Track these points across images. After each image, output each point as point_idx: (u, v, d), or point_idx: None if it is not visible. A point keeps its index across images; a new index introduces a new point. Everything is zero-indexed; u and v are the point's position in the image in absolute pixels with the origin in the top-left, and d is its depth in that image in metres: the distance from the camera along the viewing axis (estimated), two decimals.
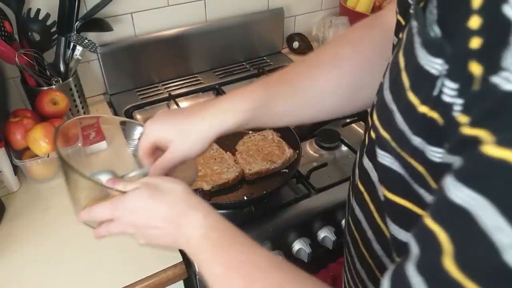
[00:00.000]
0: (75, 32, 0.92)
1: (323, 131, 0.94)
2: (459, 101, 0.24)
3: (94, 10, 0.94)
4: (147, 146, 0.53)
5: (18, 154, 0.81)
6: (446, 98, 0.25)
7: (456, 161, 0.24)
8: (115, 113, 1.06)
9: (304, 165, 0.88)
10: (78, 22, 0.92)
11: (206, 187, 0.77)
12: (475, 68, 0.23)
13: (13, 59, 0.82)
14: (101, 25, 0.96)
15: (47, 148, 0.78)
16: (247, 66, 1.22)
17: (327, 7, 1.33)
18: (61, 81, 0.91)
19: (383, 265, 0.41)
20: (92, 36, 0.98)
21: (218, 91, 1.11)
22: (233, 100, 0.52)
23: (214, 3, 1.13)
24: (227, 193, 0.80)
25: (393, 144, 0.33)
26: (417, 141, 0.29)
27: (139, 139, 0.58)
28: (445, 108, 0.25)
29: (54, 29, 0.91)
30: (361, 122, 1.00)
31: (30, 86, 0.90)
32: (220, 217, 0.44)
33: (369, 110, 0.44)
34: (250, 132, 0.91)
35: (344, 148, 0.94)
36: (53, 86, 0.90)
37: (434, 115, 0.27)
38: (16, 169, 0.81)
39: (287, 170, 0.83)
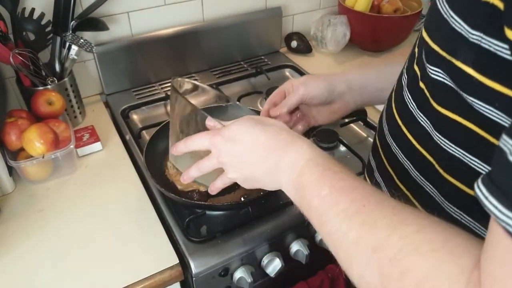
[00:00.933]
0: (70, 32, 0.91)
1: (321, 131, 0.93)
2: None
3: (89, 9, 0.93)
4: (280, 92, 0.65)
5: (13, 155, 0.81)
6: None
7: None
8: (112, 114, 1.05)
9: None
10: (73, 21, 0.91)
11: (203, 188, 0.76)
12: None
13: (7, 59, 0.81)
14: (97, 25, 0.95)
15: (42, 149, 0.78)
16: (245, 65, 1.22)
17: (325, 6, 1.33)
18: (56, 81, 0.90)
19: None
20: (88, 35, 0.97)
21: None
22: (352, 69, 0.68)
23: (211, 2, 1.12)
24: (224, 194, 0.79)
25: (443, 53, 0.36)
26: (475, 36, 0.31)
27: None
28: None
29: (49, 28, 0.91)
30: (359, 122, 1.00)
31: (25, 86, 0.89)
32: (322, 150, 0.46)
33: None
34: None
35: (342, 148, 0.93)
36: (49, 86, 0.89)
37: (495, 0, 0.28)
38: (11, 170, 0.81)
39: None
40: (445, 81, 0.37)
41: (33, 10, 0.87)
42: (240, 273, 0.72)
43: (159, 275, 0.66)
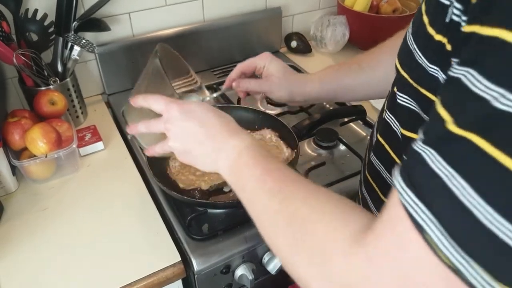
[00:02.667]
0: (72, 32, 0.92)
1: (321, 130, 0.94)
2: (464, 18, 0.30)
3: (91, 10, 0.94)
4: (252, 65, 0.74)
5: (16, 154, 0.82)
6: (454, 18, 0.31)
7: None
8: (113, 113, 1.06)
9: (302, 164, 0.88)
10: (75, 22, 0.92)
11: (204, 186, 0.77)
12: None
13: (10, 60, 0.82)
14: (99, 25, 0.96)
15: (45, 148, 0.78)
16: None
17: (324, 6, 1.33)
18: (58, 81, 0.91)
19: None
20: (89, 36, 0.98)
21: (216, 90, 1.11)
22: (315, 74, 0.73)
23: (211, 3, 1.13)
24: (225, 193, 0.80)
25: (411, 81, 0.39)
26: (433, 69, 0.35)
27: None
28: (454, 29, 0.31)
29: (51, 29, 0.91)
30: (359, 121, 1.01)
31: (28, 86, 0.90)
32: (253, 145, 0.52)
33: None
34: (248, 131, 0.91)
35: (342, 147, 0.94)
36: (51, 86, 0.90)
37: (445, 40, 0.32)
38: (14, 170, 0.81)
39: None
40: (413, 107, 0.41)
41: (36, 11, 0.88)
42: (241, 271, 0.73)
43: (162, 273, 0.67)
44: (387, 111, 0.48)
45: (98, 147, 0.91)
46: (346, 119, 1.00)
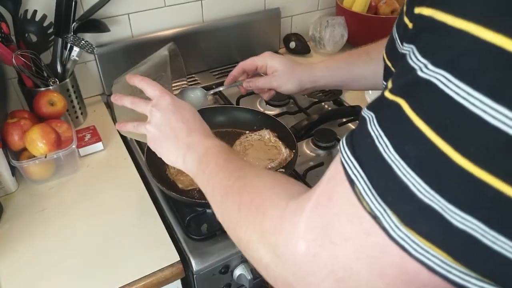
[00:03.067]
0: (72, 33, 0.92)
1: (320, 131, 0.95)
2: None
3: (91, 11, 0.94)
4: (255, 65, 0.76)
5: (15, 155, 0.82)
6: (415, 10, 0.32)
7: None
8: (113, 114, 1.06)
9: (300, 165, 0.88)
10: (75, 23, 0.93)
11: None
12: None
13: (10, 60, 0.82)
14: (98, 26, 0.96)
15: (44, 149, 0.79)
16: None
17: (323, 7, 1.34)
18: (58, 82, 0.92)
19: None
20: (89, 37, 0.98)
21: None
22: (324, 62, 0.74)
23: (211, 4, 1.14)
24: None
25: (394, 70, 0.39)
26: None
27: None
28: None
29: (51, 30, 0.92)
30: (357, 121, 1.01)
31: (27, 87, 0.90)
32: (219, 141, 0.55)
33: None
34: (247, 132, 0.92)
35: None
36: (50, 87, 0.90)
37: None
38: (13, 170, 0.82)
39: (283, 170, 0.84)
40: None
41: (35, 12, 0.88)
42: (240, 270, 0.73)
43: (161, 273, 0.67)
44: None
45: (98, 147, 0.91)
46: (344, 120, 1.00)
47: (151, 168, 0.78)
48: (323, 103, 1.09)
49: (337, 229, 0.30)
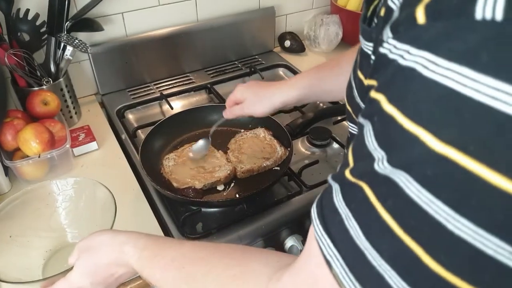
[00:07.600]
0: (65, 32, 0.92)
1: (315, 129, 0.95)
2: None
3: (84, 10, 0.93)
4: (232, 99, 0.77)
5: (8, 155, 0.81)
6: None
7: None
8: (107, 113, 1.06)
9: (296, 163, 0.88)
10: (68, 22, 0.92)
11: (198, 185, 0.77)
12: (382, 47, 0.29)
13: (2, 60, 0.82)
14: (92, 25, 0.95)
15: (37, 149, 0.78)
16: (239, 65, 1.23)
17: (318, 5, 1.34)
18: (51, 82, 0.91)
19: None
20: (82, 36, 0.97)
21: (210, 90, 1.11)
22: (296, 79, 0.73)
23: (205, 3, 1.13)
24: (219, 191, 0.80)
25: (353, 115, 0.40)
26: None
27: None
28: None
29: (44, 29, 0.91)
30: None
31: (20, 87, 0.90)
32: (147, 237, 0.51)
33: None
34: (242, 130, 0.92)
35: (335, 145, 0.94)
36: (44, 87, 0.90)
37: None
38: (7, 170, 0.81)
39: (278, 168, 0.84)
40: None
41: (27, 10, 0.88)
42: None
43: None
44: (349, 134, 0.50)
45: (92, 147, 0.91)
46: (339, 118, 1.01)
47: (146, 167, 0.77)
48: (318, 102, 1.09)
49: None
